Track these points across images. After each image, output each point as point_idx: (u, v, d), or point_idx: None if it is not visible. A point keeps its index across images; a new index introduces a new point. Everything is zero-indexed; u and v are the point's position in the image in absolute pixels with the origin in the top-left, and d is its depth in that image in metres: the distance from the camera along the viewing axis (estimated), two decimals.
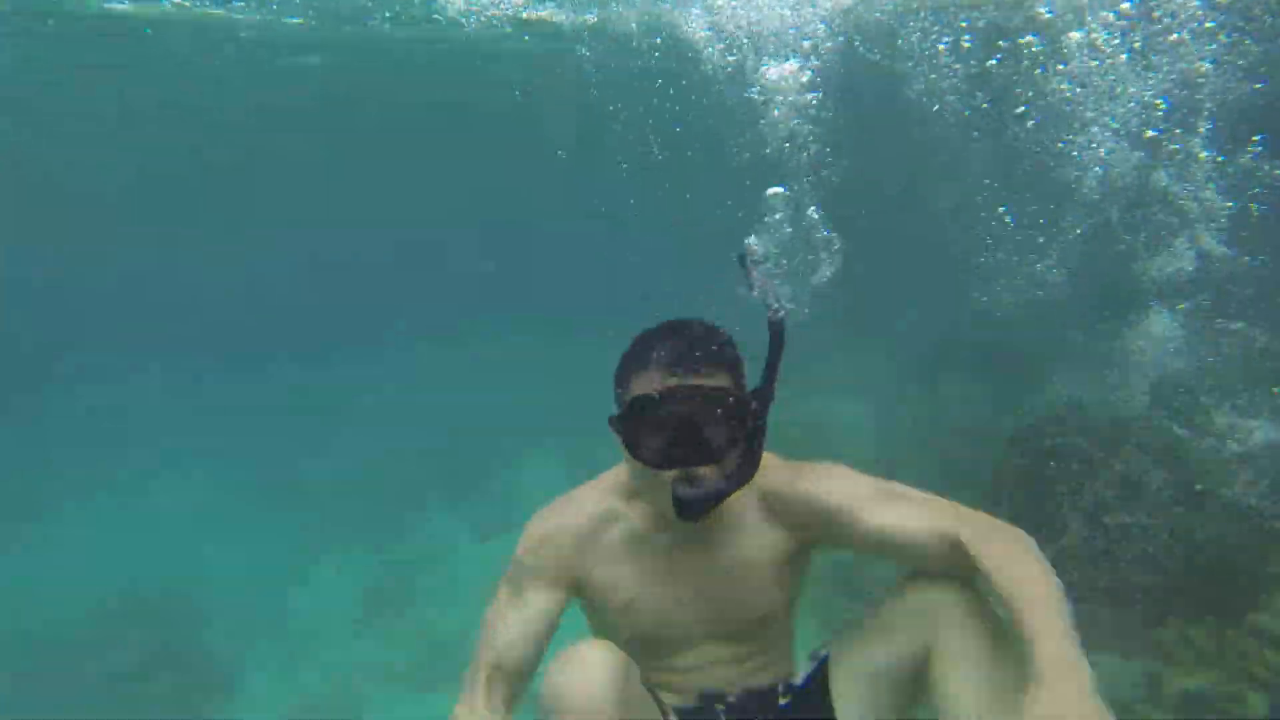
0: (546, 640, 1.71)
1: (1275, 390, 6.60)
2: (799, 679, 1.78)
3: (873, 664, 1.61)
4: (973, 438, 8.18)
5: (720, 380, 1.52)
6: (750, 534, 1.68)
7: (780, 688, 1.74)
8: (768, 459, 1.65)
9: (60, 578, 13.01)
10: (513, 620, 1.69)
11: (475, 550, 11.42)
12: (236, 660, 9.72)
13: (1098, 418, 6.32)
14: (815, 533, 1.71)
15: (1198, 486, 5.57)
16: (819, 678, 1.68)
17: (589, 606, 1.81)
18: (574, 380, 17.88)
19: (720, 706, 1.64)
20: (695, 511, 1.51)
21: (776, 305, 1.61)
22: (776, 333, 1.61)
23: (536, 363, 19.58)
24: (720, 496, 1.52)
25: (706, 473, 1.52)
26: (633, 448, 1.52)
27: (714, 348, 1.52)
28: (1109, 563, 5.16)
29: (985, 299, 11.77)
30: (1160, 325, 8.85)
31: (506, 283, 28.77)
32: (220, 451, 19.11)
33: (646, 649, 1.68)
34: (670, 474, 1.52)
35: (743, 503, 1.66)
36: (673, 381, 1.48)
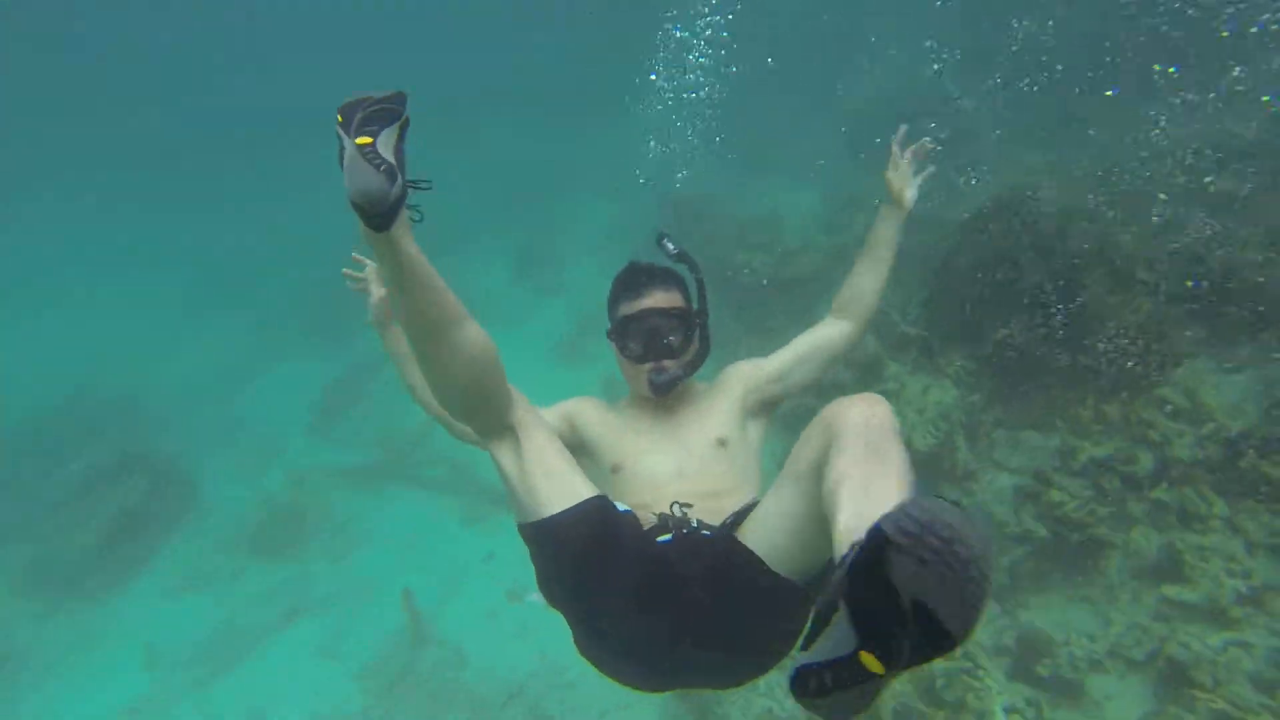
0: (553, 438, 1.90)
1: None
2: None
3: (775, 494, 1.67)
4: (925, 224, 8.12)
5: (675, 300, 2.10)
6: (699, 398, 2.19)
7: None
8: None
9: (6, 385, 12.89)
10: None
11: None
12: (197, 465, 9.95)
13: (1047, 205, 6.27)
14: (745, 394, 2.16)
15: (1125, 266, 5.72)
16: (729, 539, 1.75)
17: (580, 449, 2.14)
18: (518, 174, 17.21)
19: (673, 518, 1.84)
20: (664, 390, 2.07)
21: (693, 268, 2.16)
22: (698, 277, 2.16)
23: (482, 155, 18.63)
24: (679, 379, 2.08)
25: (669, 364, 2.07)
26: (621, 349, 2.13)
27: (668, 279, 2.14)
28: (1045, 347, 5.37)
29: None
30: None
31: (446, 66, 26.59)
32: (166, 261, 18.45)
33: (622, 483, 2.02)
34: (646, 366, 2.08)
35: (694, 385, 2.22)
36: (645, 304, 2.08)
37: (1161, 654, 3.56)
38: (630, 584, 1.65)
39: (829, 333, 2.26)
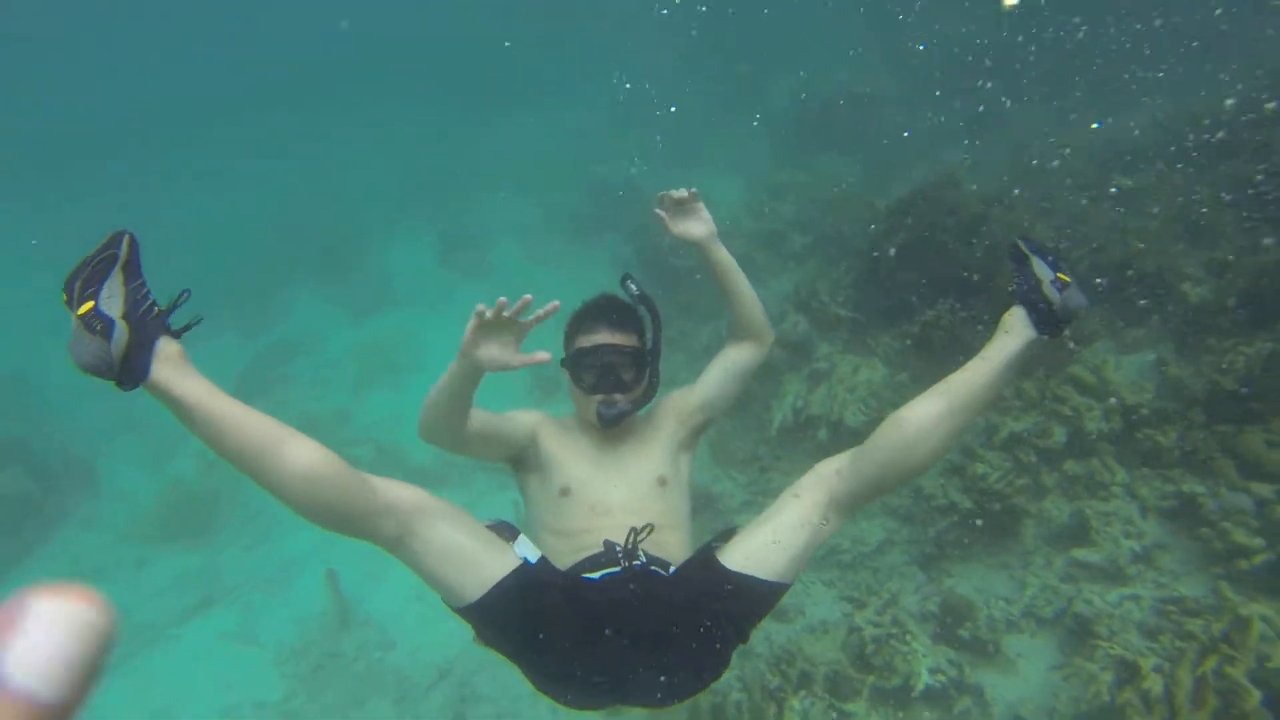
0: (502, 434, 2.19)
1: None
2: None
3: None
4: (850, 212, 8.38)
5: (631, 340, 2.19)
6: (640, 430, 2.30)
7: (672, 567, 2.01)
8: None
9: None
10: (497, 417, 2.19)
11: (350, 333, 11.05)
12: (96, 451, 9.29)
13: (968, 194, 6.58)
14: (680, 425, 2.32)
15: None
16: (705, 556, 1.94)
17: (532, 462, 2.24)
18: (440, 150, 16.77)
19: (620, 548, 1.92)
20: (612, 423, 2.18)
21: (651, 310, 2.26)
22: (655, 319, 2.26)
23: (402, 133, 18.05)
24: (626, 414, 2.19)
25: (620, 398, 2.17)
26: (574, 380, 2.20)
27: (626, 318, 2.22)
28: (968, 328, 5.64)
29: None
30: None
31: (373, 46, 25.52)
32: (66, 232, 17.06)
33: (569, 506, 2.11)
34: (597, 397, 2.17)
35: (636, 419, 2.33)
36: (601, 339, 2.17)
37: (1068, 612, 3.80)
38: (571, 634, 1.74)
39: (738, 357, 2.36)
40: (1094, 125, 7.71)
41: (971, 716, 3.66)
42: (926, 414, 1.87)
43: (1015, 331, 1.92)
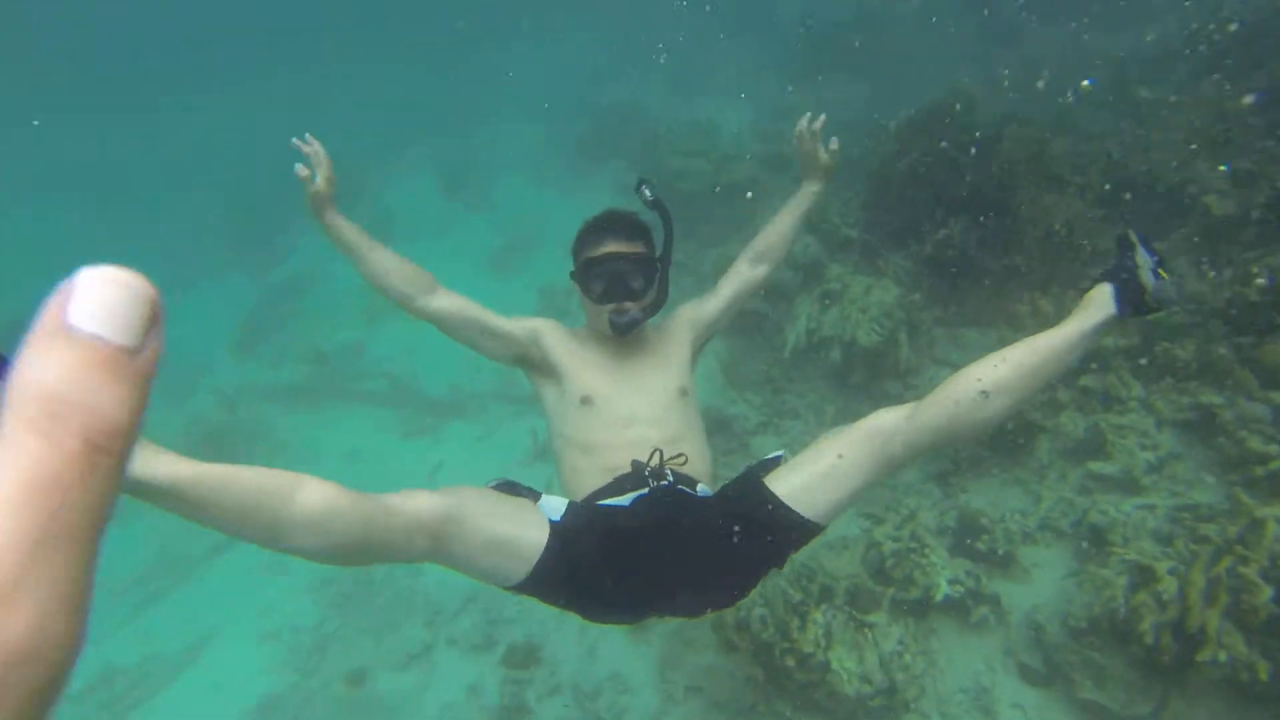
0: (489, 325, 2.30)
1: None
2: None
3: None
4: (859, 131, 8.17)
5: (639, 248, 2.19)
6: (653, 340, 2.33)
7: (700, 485, 2.08)
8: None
9: None
10: (483, 309, 2.32)
11: (352, 269, 10.98)
12: None
13: (982, 110, 6.39)
14: (694, 336, 2.38)
15: (1056, 170, 5.95)
16: (747, 485, 2.03)
17: (547, 371, 2.28)
18: (437, 78, 16.28)
19: (648, 468, 2.00)
20: (624, 331, 2.20)
21: (665, 216, 2.24)
22: (667, 225, 2.23)
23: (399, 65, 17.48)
24: (639, 322, 2.20)
25: (630, 306, 2.17)
26: (584, 290, 2.22)
27: (633, 228, 2.22)
28: (981, 247, 5.57)
29: None
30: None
31: None
32: (73, 172, 16.79)
33: (592, 417, 2.14)
34: (608, 307, 2.18)
35: (649, 329, 2.36)
36: (610, 249, 2.16)
37: (1083, 522, 3.90)
38: (612, 569, 1.82)
39: (750, 276, 2.48)
40: (1085, 83, 7.39)
41: (989, 624, 3.81)
42: (999, 374, 1.83)
43: (1097, 305, 1.92)
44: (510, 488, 1.98)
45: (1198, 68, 6.78)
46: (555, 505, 1.90)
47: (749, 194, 7.85)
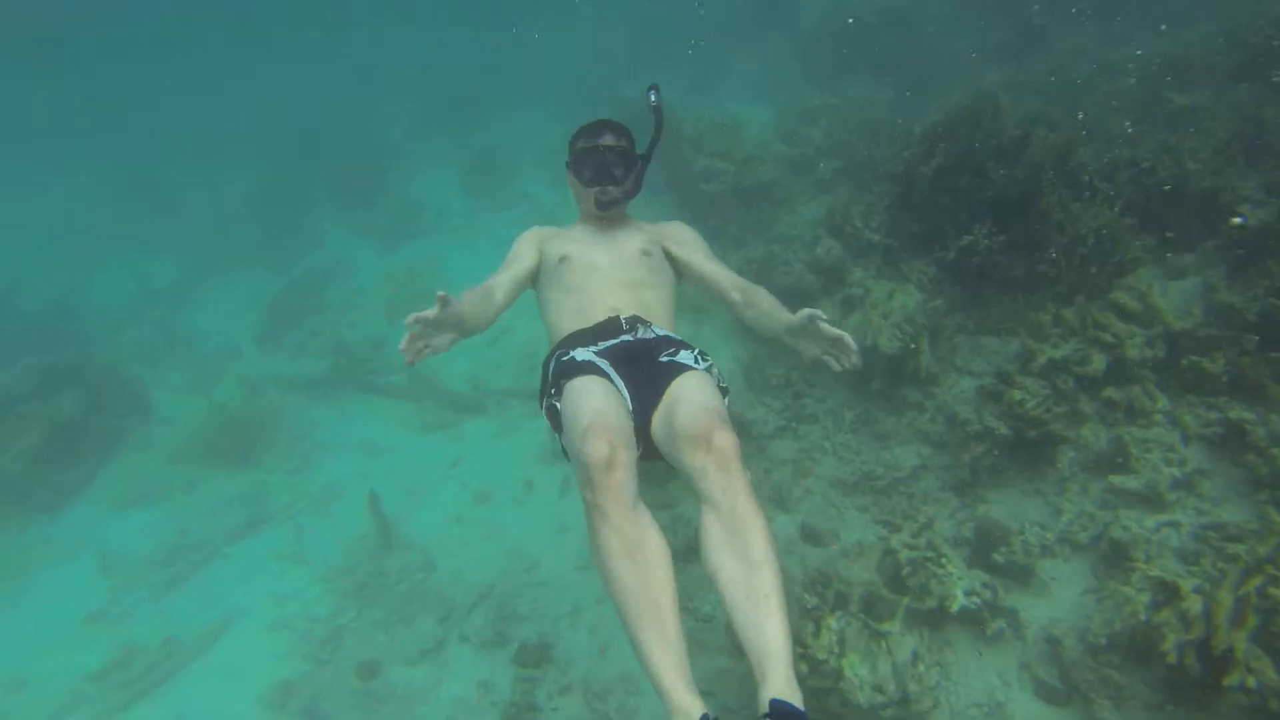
0: (525, 273, 2.69)
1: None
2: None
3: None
4: (882, 136, 8.11)
5: (619, 142, 2.68)
6: (636, 227, 2.81)
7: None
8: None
9: None
10: (503, 272, 2.66)
11: (379, 261, 11.07)
12: (143, 375, 9.54)
13: (1009, 115, 6.30)
14: (677, 252, 2.75)
15: (1085, 178, 5.86)
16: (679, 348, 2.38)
17: (547, 261, 2.70)
18: (457, 66, 16.34)
19: (621, 319, 2.43)
20: (607, 208, 2.69)
21: (659, 121, 2.70)
22: (658, 130, 2.70)
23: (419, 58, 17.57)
24: (619, 201, 2.70)
25: (613, 189, 2.68)
26: (576, 175, 2.73)
27: (619, 128, 2.72)
28: (1006, 254, 5.50)
29: None
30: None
31: None
32: (105, 154, 17.09)
33: (568, 268, 2.61)
34: (594, 189, 2.68)
35: (633, 219, 2.87)
36: (599, 141, 2.67)
37: (1104, 537, 3.83)
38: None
39: (730, 297, 2.58)
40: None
41: (1005, 636, 3.76)
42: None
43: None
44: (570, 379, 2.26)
45: (1236, 73, 6.63)
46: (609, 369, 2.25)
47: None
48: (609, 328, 2.40)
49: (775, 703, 1.64)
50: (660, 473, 5.61)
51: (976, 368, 5.19)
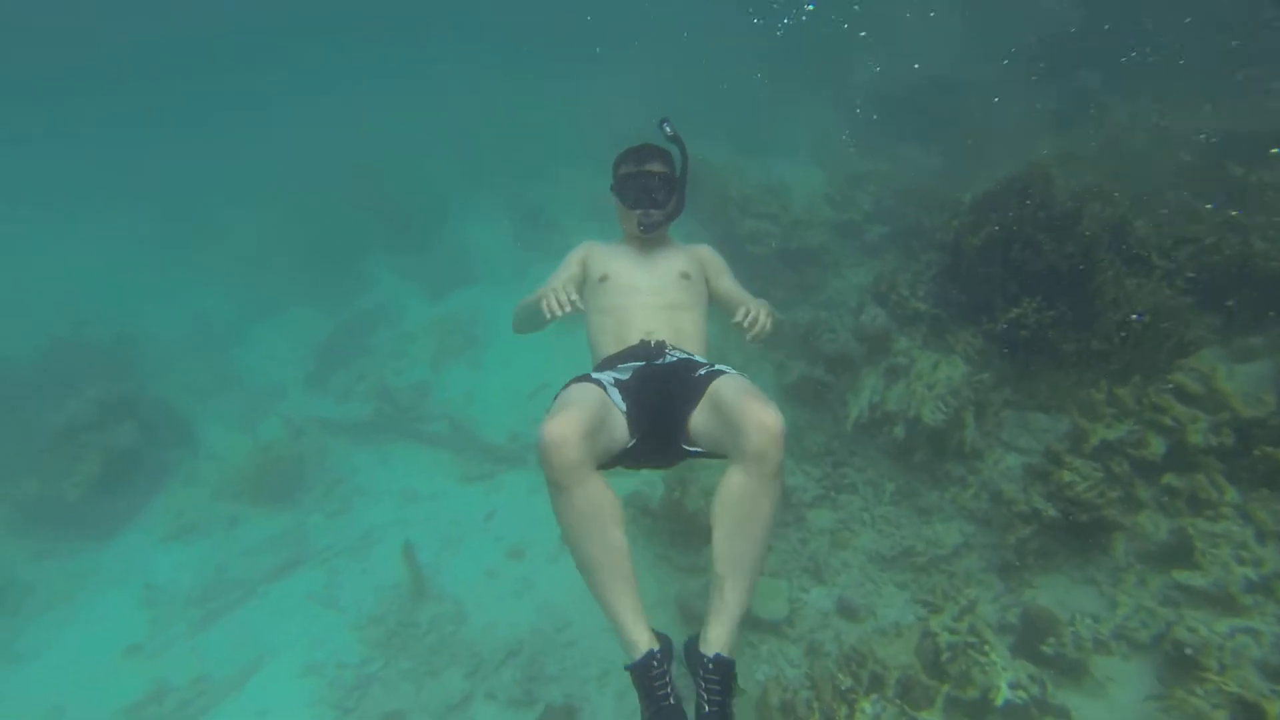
0: (573, 281, 2.80)
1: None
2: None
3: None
4: (930, 203, 8.09)
5: (662, 168, 2.83)
6: (673, 247, 2.95)
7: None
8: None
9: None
10: (560, 275, 2.85)
11: (428, 308, 11.33)
12: (194, 410, 9.85)
13: (1061, 187, 6.22)
14: (707, 272, 2.93)
15: (1142, 253, 5.73)
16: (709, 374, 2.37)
17: (590, 279, 2.87)
18: (508, 116, 16.87)
19: (653, 341, 2.57)
20: (650, 229, 2.82)
21: (681, 148, 2.81)
22: (684, 155, 2.81)
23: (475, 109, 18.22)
24: (661, 222, 2.82)
25: (655, 213, 2.80)
26: (620, 198, 2.87)
27: (659, 153, 2.86)
28: (1057, 329, 5.37)
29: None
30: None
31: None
32: (166, 200, 18.12)
33: (609, 288, 2.77)
34: (637, 211, 2.81)
35: (671, 240, 3.00)
36: (640, 168, 2.82)
37: (1167, 637, 3.61)
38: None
39: (735, 310, 2.72)
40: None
41: None
42: None
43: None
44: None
45: None
46: (609, 383, 2.37)
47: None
48: (638, 351, 2.55)
49: (718, 657, 1.95)
50: (695, 536, 5.53)
51: (1024, 444, 5.03)
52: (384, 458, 8.30)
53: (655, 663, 1.94)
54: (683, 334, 2.66)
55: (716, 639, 1.98)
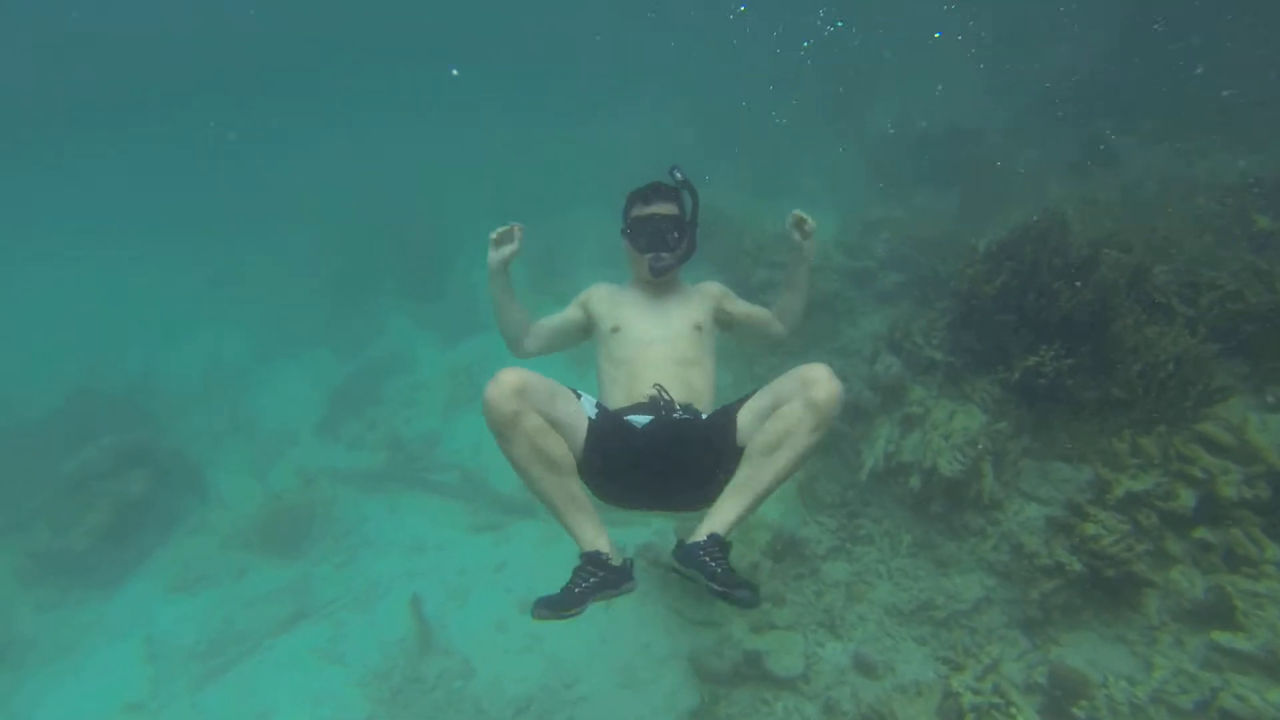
0: (563, 325, 2.95)
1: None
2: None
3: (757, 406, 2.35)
4: (945, 251, 8.07)
5: (672, 210, 2.80)
6: (682, 290, 2.92)
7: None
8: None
9: (15, 370, 12.81)
10: (548, 320, 2.98)
11: (441, 355, 11.36)
12: (204, 458, 9.85)
13: (1077, 234, 6.19)
14: (719, 305, 2.92)
15: (1162, 300, 5.65)
16: (727, 416, 2.42)
17: (601, 328, 2.85)
18: (524, 159, 17.14)
19: (664, 399, 2.52)
20: (661, 273, 2.78)
21: (691, 192, 2.75)
22: (694, 198, 2.77)
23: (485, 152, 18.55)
24: (672, 266, 2.79)
25: (666, 256, 2.77)
26: (632, 242, 2.82)
27: (670, 195, 2.82)
28: (1076, 377, 5.26)
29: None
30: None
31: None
32: (184, 253, 18.56)
33: (620, 340, 2.74)
34: (648, 255, 2.78)
35: (680, 282, 2.96)
36: (652, 210, 2.79)
37: (1214, 705, 3.42)
38: (623, 464, 2.36)
39: (768, 322, 2.98)
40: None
41: None
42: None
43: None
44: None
45: None
46: (591, 407, 2.42)
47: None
48: (647, 407, 2.54)
49: (712, 535, 2.09)
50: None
51: (1045, 495, 4.89)
52: (393, 507, 8.21)
53: (607, 558, 2.19)
54: (694, 390, 2.62)
55: (707, 527, 2.13)
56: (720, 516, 2.14)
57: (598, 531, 2.23)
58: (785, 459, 2.13)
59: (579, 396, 2.42)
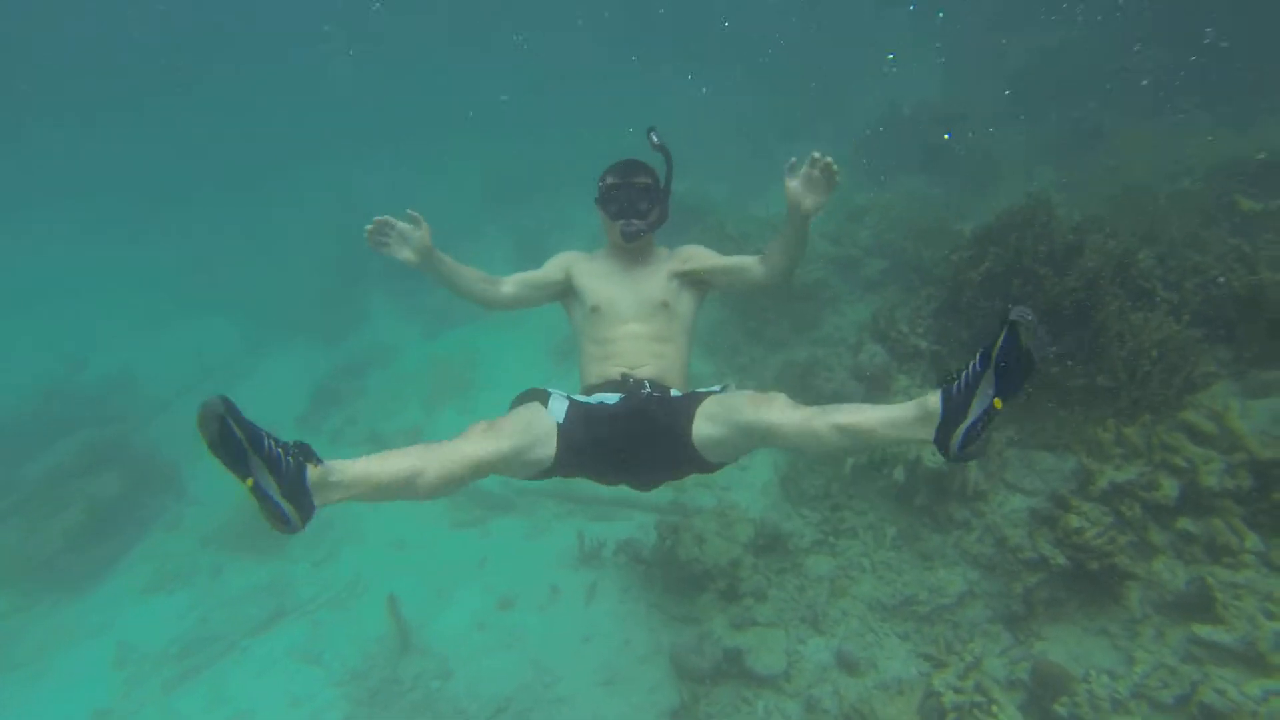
0: (542, 282, 2.98)
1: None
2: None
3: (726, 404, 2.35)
4: (931, 238, 7.98)
5: (645, 179, 2.85)
6: (657, 260, 2.95)
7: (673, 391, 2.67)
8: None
9: None
10: (521, 274, 3.01)
11: (422, 348, 11.21)
12: (181, 456, 9.69)
13: (1062, 219, 6.09)
14: (690, 266, 2.91)
15: (1147, 285, 5.56)
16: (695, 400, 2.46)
17: (573, 293, 2.95)
18: (509, 158, 16.92)
19: (632, 378, 2.65)
20: (632, 239, 2.82)
21: (667, 157, 2.80)
22: (668, 165, 2.82)
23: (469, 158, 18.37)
24: (644, 231, 2.83)
25: (637, 221, 2.82)
26: (604, 209, 2.88)
27: (641, 165, 2.89)
28: (1060, 365, 5.18)
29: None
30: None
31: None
32: (159, 247, 18.30)
33: (599, 319, 2.82)
34: (620, 222, 2.83)
35: (656, 249, 3.00)
36: (622, 179, 2.85)
37: (1193, 699, 3.35)
38: (594, 446, 2.39)
39: (752, 269, 2.87)
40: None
41: None
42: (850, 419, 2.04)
43: (917, 418, 1.90)
44: (528, 396, 2.51)
45: None
46: (559, 408, 2.43)
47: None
48: (617, 385, 2.64)
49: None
50: (689, 585, 5.30)
51: (1029, 485, 4.80)
52: (372, 505, 8.07)
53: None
54: (666, 366, 2.74)
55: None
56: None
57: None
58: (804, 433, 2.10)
59: (549, 399, 2.47)
